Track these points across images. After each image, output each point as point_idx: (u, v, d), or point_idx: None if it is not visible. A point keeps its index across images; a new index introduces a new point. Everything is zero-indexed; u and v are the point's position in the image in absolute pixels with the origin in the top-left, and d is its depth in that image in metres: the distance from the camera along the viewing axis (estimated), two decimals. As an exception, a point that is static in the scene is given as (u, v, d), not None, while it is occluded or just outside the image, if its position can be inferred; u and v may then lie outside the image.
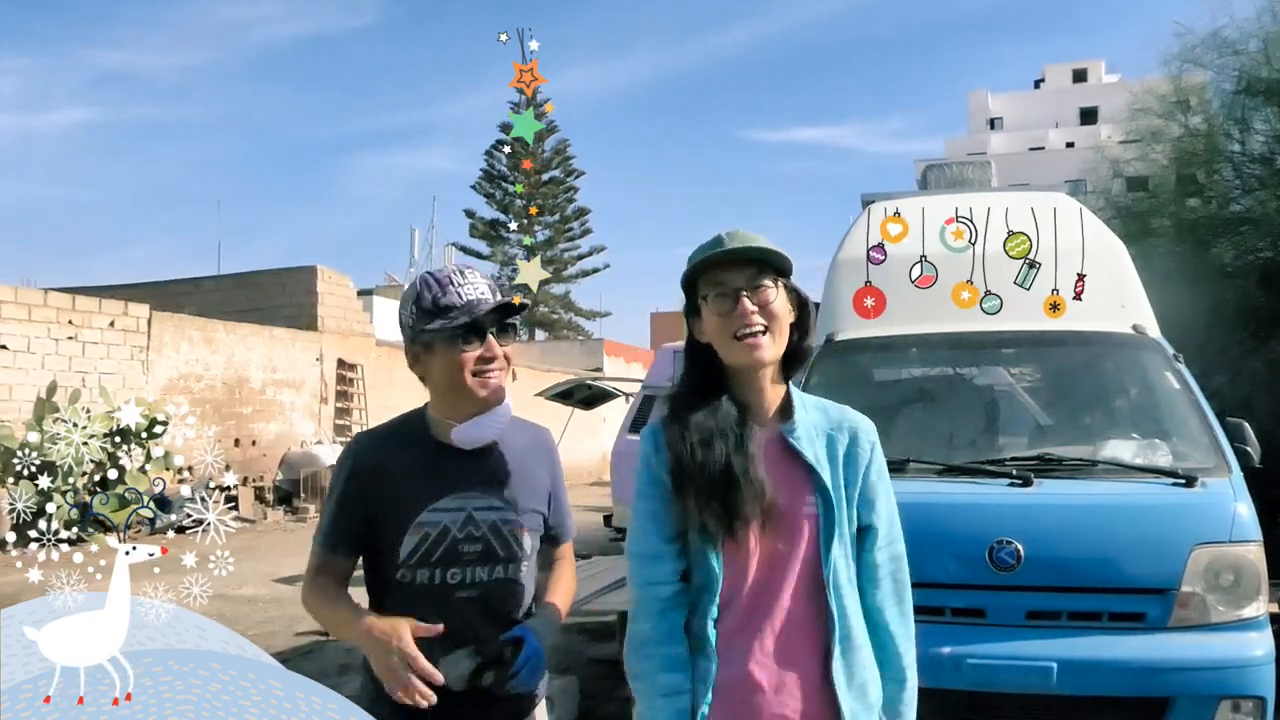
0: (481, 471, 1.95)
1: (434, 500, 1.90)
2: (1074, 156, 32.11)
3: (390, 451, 1.96)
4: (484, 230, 44.24)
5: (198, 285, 21.47)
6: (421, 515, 1.89)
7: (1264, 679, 3.34)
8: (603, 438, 26.44)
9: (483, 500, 1.93)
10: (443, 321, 1.89)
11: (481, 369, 1.90)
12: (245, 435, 17.32)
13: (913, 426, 4.38)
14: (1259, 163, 11.60)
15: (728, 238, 1.75)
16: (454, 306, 1.89)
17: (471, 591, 1.91)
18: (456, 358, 1.90)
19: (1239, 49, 11.47)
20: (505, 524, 1.95)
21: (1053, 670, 3.33)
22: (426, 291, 1.93)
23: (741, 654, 1.70)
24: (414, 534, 1.89)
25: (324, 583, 1.92)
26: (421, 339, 1.93)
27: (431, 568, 1.89)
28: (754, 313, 1.71)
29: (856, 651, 1.73)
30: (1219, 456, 3.76)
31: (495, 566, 1.93)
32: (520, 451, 2.02)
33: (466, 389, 1.91)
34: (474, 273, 1.96)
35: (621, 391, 15.08)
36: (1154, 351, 4.31)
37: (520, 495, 1.98)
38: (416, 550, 1.89)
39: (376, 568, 1.95)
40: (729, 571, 1.72)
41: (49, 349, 13.85)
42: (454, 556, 1.90)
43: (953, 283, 4.22)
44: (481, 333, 1.90)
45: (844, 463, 1.76)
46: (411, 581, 1.89)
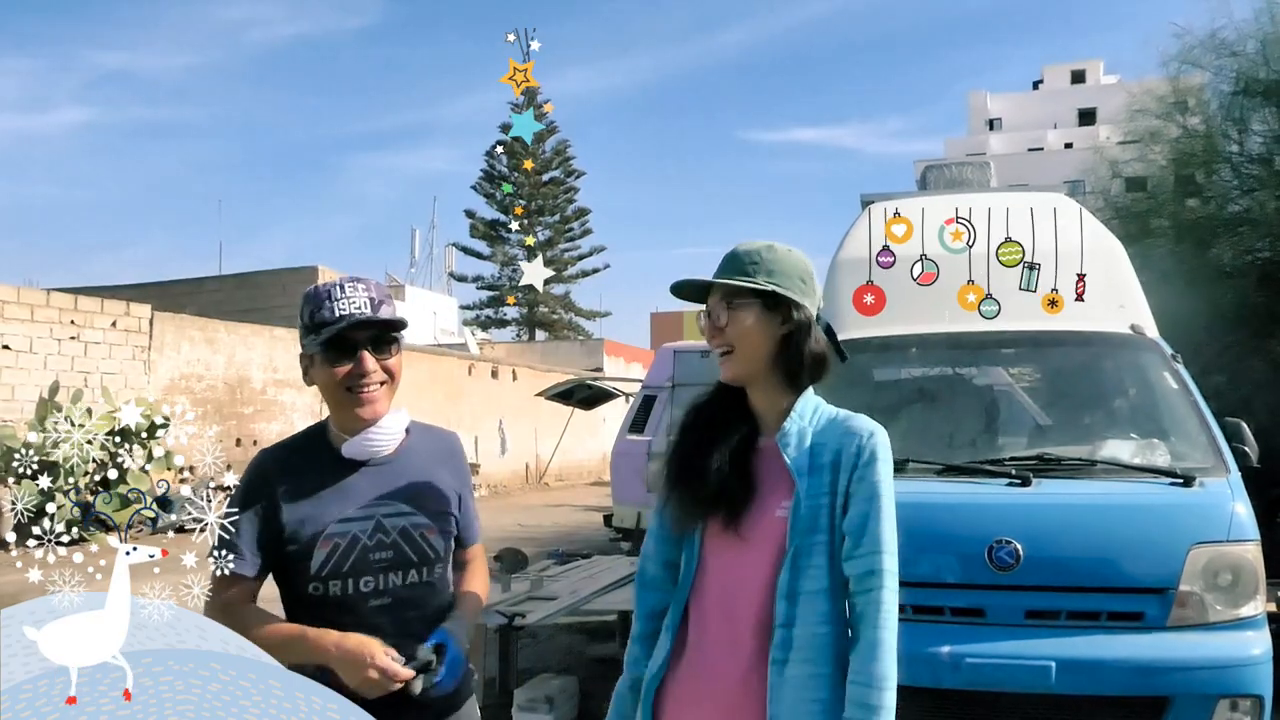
0: (386, 480, 1.94)
1: (341, 511, 1.89)
2: (1073, 157, 32.08)
3: (292, 467, 1.94)
4: (484, 230, 44.22)
5: (199, 285, 21.53)
6: (330, 527, 1.88)
7: (1262, 678, 3.34)
8: (603, 438, 26.44)
9: (390, 507, 1.92)
10: (315, 337, 1.88)
11: (357, 384, 1.88)
12: (246, 435, 17.32)
13: (912, 426, 4.38)
14: (1257, 163, 11.60)
15: (723, 260, 1.84)
16: (326, 322, 1.86)
17: (385, 599, 1.90)
18: (329, 374, 1.89)
19: (1237, 50, 11.47)
20: (415, 528, 1.94)
21: (1051, 669, 3.34)
22: (306, 306, 1.91)
23: (695, 641, 1.80)
24: (323, 546, 1.87)
25: (245, 612, 1.87)
26: (306, 353, 1.94)
27: (344, 579, 1.88)
28: (714, 336, 1.81)
29: (807, 665, 1.68)
30: (1217, 456, 3.77)
31: (409, 571, 1.93)
32: (425, 457, 2.02)
33: (344, 405, 1.90)
34: (359, 285, 1.91)
35: (621, 391, 15.10)
36: (1152, 352, 4.32)
37: (427, 499, 1.97)
38: (327, 562, 1.87)
39: (288, 583, 1.93)
40: (701, 563, 1.82)
41: (51, 349, 13.87)
42: (365, 565, 1.89)
43: (953, 282, 4.23)
44: (352, 349, 1.87)
45: (831, 470, 1.75)
46: (324, 594, 1.88)
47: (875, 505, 1.71)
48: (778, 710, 1.68)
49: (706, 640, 1.79)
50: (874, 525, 1.71)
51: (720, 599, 1.78)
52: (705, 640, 1.79)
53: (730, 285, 1.79)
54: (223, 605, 1.86)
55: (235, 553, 1.85)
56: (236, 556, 1.86)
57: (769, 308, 1.79)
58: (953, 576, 3.55)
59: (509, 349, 36.49)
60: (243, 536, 1.88)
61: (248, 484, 1.92)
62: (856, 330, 4.52)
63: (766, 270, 1.79)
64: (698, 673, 1.78)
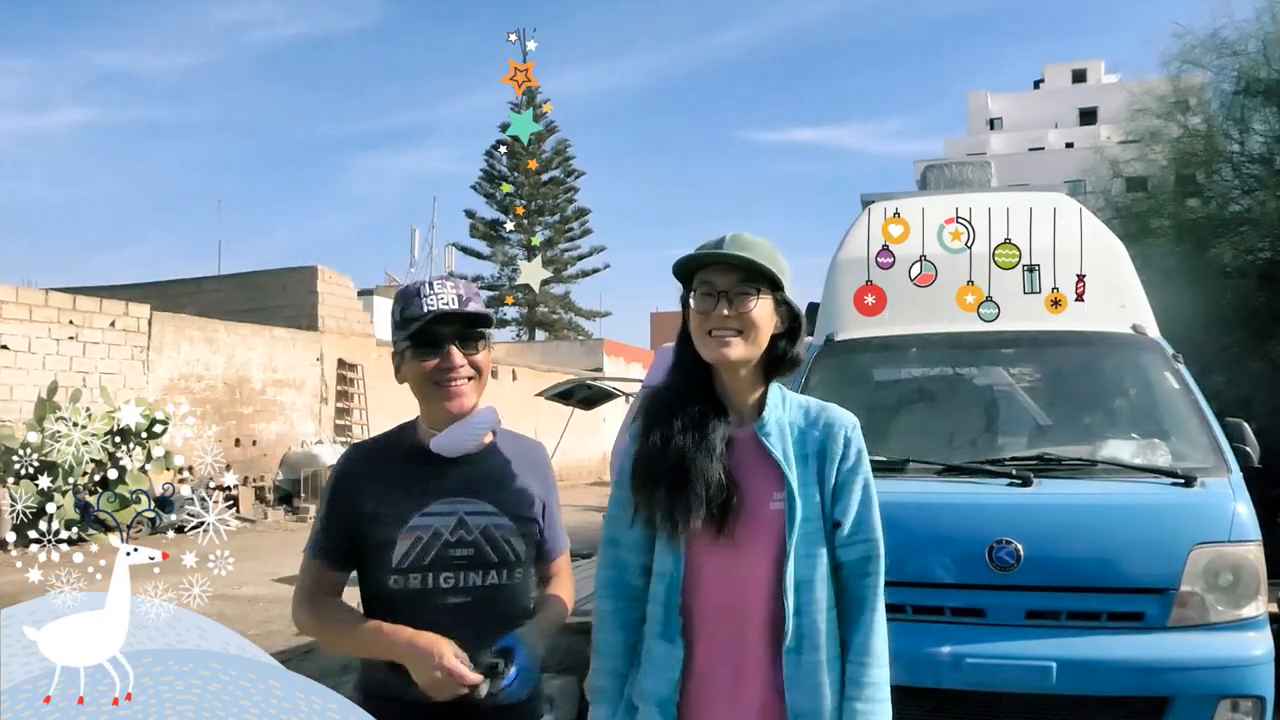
0: (472, 478, 1.95)
1: (425, 505, 1.91)
2: (1073, 157, 32.07)
3: (379, 461, 1.98)
4: (484, 230, 44.22)
5: (198, 285, 21.50)
6: (413, 520, 1.90)
7: (1263, 678, 3.34)
8: (603, 438, 26.44)
9: (474, 505, 1.93)
10: (404, 332, 1.92)
11: (443, 379, 1.91)
12: (246, 435, 17.33)
13: (912, 426, 4.38)
14: (1258, 163, 11.61)
15: (730, 240, 1.79)
16: (416, 318, 1.90)
17: (463, 597, 1.90)
18: (418, 369, 1.92)
19: (1238, 50, 11.48)
20: (498, 529, 1.94)
21: (1052, 670, 3.33)
22: (398, 303, 1.96)
23: (705, 646, 1.76)
24: (405, 538, 1.89)
25: (328, 604, 1.93)
26: (397, 349, 1.98)
27: (423, 572, 1.89)
28: (729, 317, 1.76)
29: (815, 652, 1.73)
30: (1218, 456, 3.76)
31: (488, 572, 1.93)
32: (512, 461, 2.03)
33: (432, 399, 1.93)
34: (447, 282, 1.95)
35: (621, 391, 15.08)
36: (1153, 351, 4.32)
37: (511, 502, 1.98)
38: (408, 555, 1.89)
39: (369, 576, 1.95)
40: (691, 564, 1.77)
41: (50, 349, 13.87)
42: (445, 561, 1.90)
43: (952, 283, 4.22)
44: (438, 344, 1.91)
45: (816, 459, 1.78)
46: (404, 587, 1.89)
47: (867, 494, 1.80)
48: (796, 699, 1.71)
49: (715, 641, 1.76)
50: (866, 513, 1.79)
51: (723, 597, 1.76)
52: (714, 642, 1.76)
53: (759, 268, 1.76)
54: (306, 595, 1.94)
55: (321, 544, 1.94)
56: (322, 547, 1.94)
57: (775, 302, 1.81)
58: (953, 576, 3.54)
59: (509, 349, 36.47)
60: (328, 528, 1.94)
61: (336, 478, 1.97)
62: (857, 330, 4.52)
63: (779, 268, 1.80)
64: (715, 676, 1.76)
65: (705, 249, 1.81)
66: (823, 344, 4.54)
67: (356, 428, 19.78)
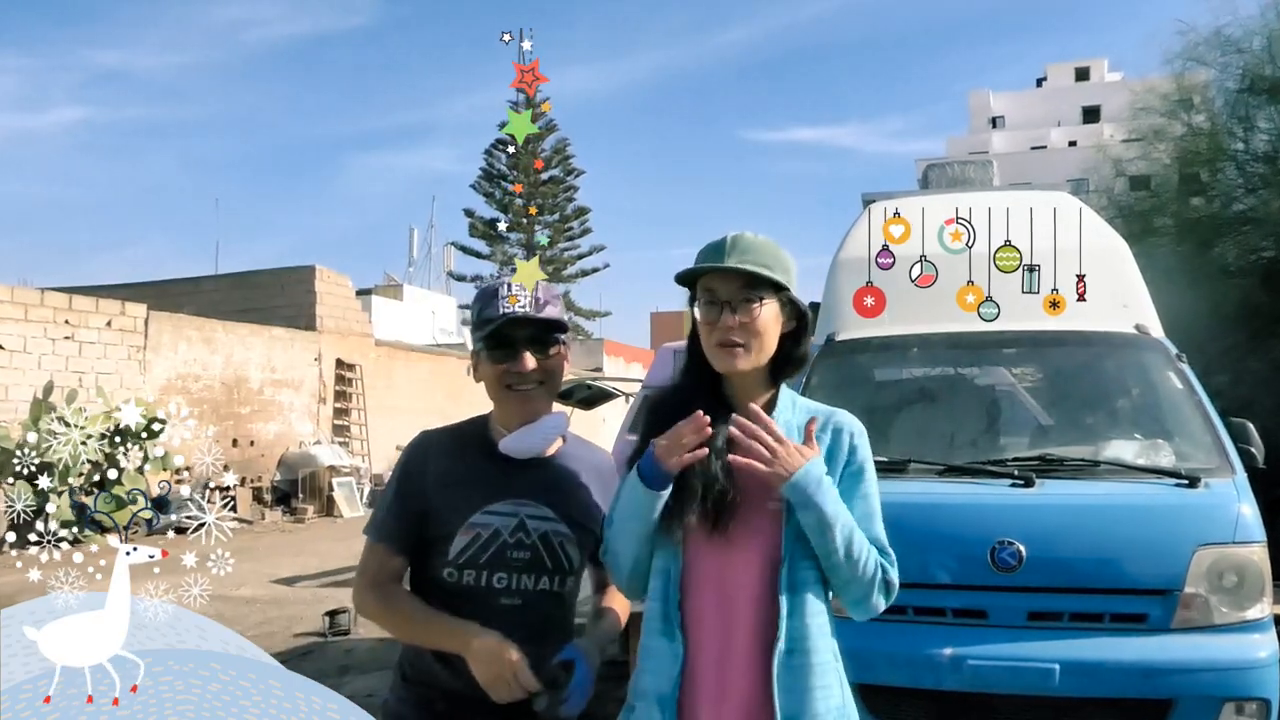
0: (537, 481, 1.96)
1: (488, 502, 1.92)
2: (1076, 155, 32.10)
3: (450, 451, 1.99)
4: (483, 230, 44.23)
5: (196, 285, 21.50)
6: (475, 515, 1.91)
7: (1268, 681, 3.33)
8: (603, 438, 26.42)
9: (536, 509, 1.94)
10: (481, 334, 1.96)
11: (515, 382, 1.94)
12: (244, 435, 17.32)
13: (914, 427, 4.37)
14: (1262, 162, 11.60)
15: (731, 243, 1.78)
16: (491, 319, 1.93)
17: (515, 599, 1.91)
18: (491, 370, 1.96)
19: (1242, 47, 11.48)
20: (556, 535, 1.95)
21: (1055, 671, 3.32)
22: (476, 303, 2.00)
23: (699, 644, 1.75)
24: (465, 533, 1.90)
25: (394, 590, 1.93)
26: (474, 349, 2.01)
27: (479, 569, 1.90)
28: (734, 329, 1.74)
29: (807, 655, 1.72)
30: (1222, 457, 3.75)
31: (541, 577, 1.94)
32: (578, 469, 2.04)
33: (503, 401, 1.97)
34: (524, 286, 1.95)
35: (621, 391, 15.07)
36: (1157, 351, 4.30)
37: (573, 510, 1.98)
38: (466, 550, 1.90)
39: (424, 565, 1.96)
40: (688, 562, 1.77)
41: (46, 349, 13.85)
42: (502, 561, 1.91)
43: (953, 283, 4.21)
44: (512, 347, 1.93)
45: (826, 463, 1.76)
46: (458, 581, 1.91)
47: (868, 503, 1.81)
48: (788, 701, 1.69)
49: (710, 640, 1.75)
50: (874, 513, 1.81)
51: (718, 596, 1.75)
52: (709, 640, 1.75)
53: (762, 276, 1.75)
54: (371, 580, 1.94)
55: (385, 528, 1.95)
56: (387, 531, 1.95)
57: (780, 303, 1.80)
58: (955, 578, 3.53)
59: (508, 349, 36.43)
60: (394, 513, 1.95)
61: (405, 462, 1.99)
62: (857, 331, 4.50)
63: (783, 268, 1.79)
64: (707, 675, 1.74)
65: (707, 253, 1.80)
66: (823, 344, 4.53)
67: (354, 428, 19.79)
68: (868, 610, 1.79)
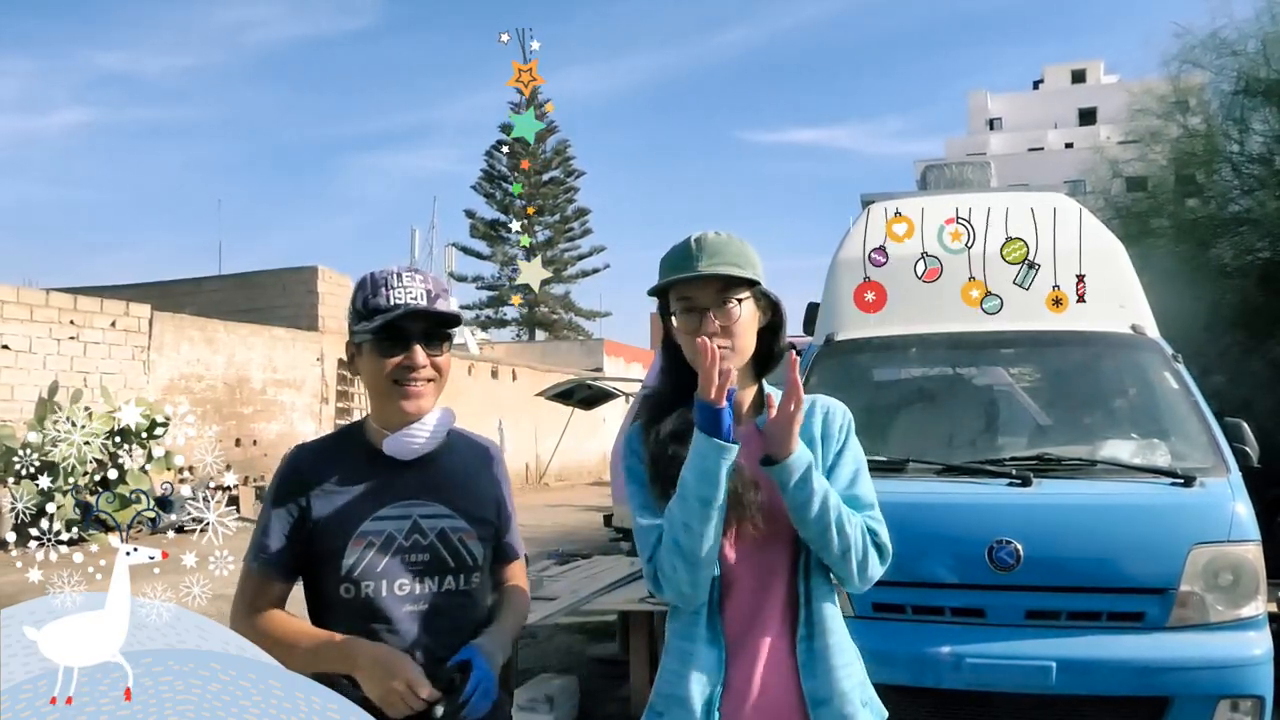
0: (426, 479, 1.86)
1: (377, 508, 1.81)
2: (1073, 157, 32.12)
3: (328, 461, 1.87)
4: (484, 230, 44.22)
5: (199, 285, 21.50)
6: (364, 524, 1.79)
7: (1263, 678, 3.34)
8: (603, 438, 26.43)
9: (428, 508, 1.84)
10: (368, 324, 1.81)
11: (404, 378, 1.81)
12: (246, 435, 17.33)
13: (912, 426, 4.38)
14: (1258, 163, 11.59)
15: (696, 245, 1.77)
16: (381, 310, 1.80)
17: (421, 605, 1.80)
18: (378, 364, 1.82)
19: (1238, 50, 11.46)
20: (454, 531, 1.84)
21: (1052, 670, 3.34)
22: (360, 291, 1.85)
23: (739, 639, 1.76)
24: (356, 544, 1.78)
25: (273, 617, 1.80)
26: (354, 340, 1.88)
27: (376, 579, 1.78)
28: (717, 333, 1.72)
29: (825, 636, 1.75)
30: (1218, 456, 3.76)
31: (445, 577, 1.83)
32: (467, 460, 1.95)
33: (388, 398, 1.83)
34: (416, 275, 1.85)
35: (621, 391, 15.09)
36: (1153, 352, 4.32)
37: (467, 503, 1.88)
38: (359, 561, 1.78)
39: (317, 584, 1.83)
40: (725, 563, 1.76)
41: (51, 349, 13.87)
42: (400, 567, 1.79)
43: (956, 279, 4.23)
44: (405, 340, 1.81)
45: (821, 444, 1.81)
46: (356, 595, 1.78)
47: (857, 472, 1.83)
48: (812, 685, 1.73)
49: (745, 638, 1.76)
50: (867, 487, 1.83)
51: (753, 592, 1.77)
52: (744, 639, 1.76)
53: (737, 278, 1.75)
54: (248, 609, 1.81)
55: (266, 552, 1.82)
56: (267, 556, 1.81)
57: (755, 298, 1.80)
58: (953, 577, 3.54)
59: (509, 349, 36.48)
60: (273, 535, 1.82)
61: (280, 480, 1.86)
62: (857, 328, 4.51)
63: (752, 263, 1.79)
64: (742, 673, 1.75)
65: (674, 260, 1.78)
66: (823, 344, 4.54)
67: (356, 428, 19.75)
68: (867, 578, 1.76)
